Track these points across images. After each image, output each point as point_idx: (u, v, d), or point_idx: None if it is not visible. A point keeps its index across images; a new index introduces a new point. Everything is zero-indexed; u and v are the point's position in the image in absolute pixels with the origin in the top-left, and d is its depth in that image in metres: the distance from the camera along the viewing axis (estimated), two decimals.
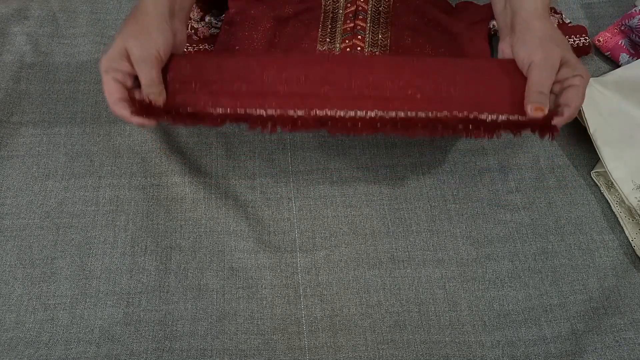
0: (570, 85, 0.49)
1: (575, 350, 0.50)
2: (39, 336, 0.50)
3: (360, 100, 0.48)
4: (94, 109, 0.62)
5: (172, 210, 0.56)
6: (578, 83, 0.49)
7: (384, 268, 0.54)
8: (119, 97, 0.49)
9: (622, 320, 0.52)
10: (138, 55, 0.48)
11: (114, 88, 0.49)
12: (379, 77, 0.48)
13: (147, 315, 0.51)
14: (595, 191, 0.59)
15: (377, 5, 0.68)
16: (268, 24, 0.66)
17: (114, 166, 0.58)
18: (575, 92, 0.49)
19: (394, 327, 0.51)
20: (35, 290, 0.52)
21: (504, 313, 0.52)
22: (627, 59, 0.66)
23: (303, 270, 0.54)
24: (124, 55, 0.48)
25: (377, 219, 0.56)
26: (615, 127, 0.59)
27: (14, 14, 0.68)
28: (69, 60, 0.66)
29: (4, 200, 0.56)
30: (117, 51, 0.49)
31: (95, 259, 0.53)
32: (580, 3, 0.73)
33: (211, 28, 0.67)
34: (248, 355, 0.49)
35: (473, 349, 0.50)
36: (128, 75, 0.49)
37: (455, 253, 0.55)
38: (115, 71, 0.48)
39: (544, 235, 0.56)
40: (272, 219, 0.56)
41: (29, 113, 0.61)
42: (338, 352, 0.50)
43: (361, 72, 0.49)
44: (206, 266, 0.53)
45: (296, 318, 0.51)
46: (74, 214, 0.55)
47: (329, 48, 0.65)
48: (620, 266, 0.55)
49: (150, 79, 0.49)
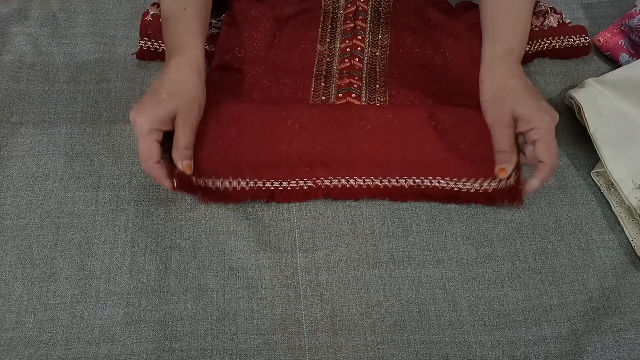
0: (534, 140, 0.50)
1: (575, 350, 0.50)
2: (39, 336, 0.50)
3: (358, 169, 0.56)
4: (94, 109, 0.62)
5: (172, 210, 0.56)
6: (537, 137, 0.49)
7: (384, 268, 0.54)
8: (159, 159, 0.50)
9: (622, 320, 0.52)
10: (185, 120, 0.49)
11: (157, 150, 0.49)
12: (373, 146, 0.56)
13: (147, 315, 0.51)
14: (595, 191, 0.59)
15: (377, 6, 0.68)
16: (268, 24, 0.66)
17: (114, 166, 0.58)
18: (542, 146, 0.49)
19: (394, 327, 0.51)
20: (35, 290, 0.52)
21: (504, 313, 0.52)
22: (627, 59, 0.66)
23: (303, 270, 0.54)
24: (173, 117, 0.49)
25: (377, 219, 0.56)
26: (615, 127, 0.59)
27: (14, 14, 0.68)
28: (69, 60, 0.66)
29: (4, 200, 0.56)
30: (167, 114, 0.49)
31: (95, 259, 0.53)
32: (580, 3, 0.73)
33: (211, 28, 0.67)
34: (248, 355, 0.49)
35: (473, 349, 0.50)
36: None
37: (455, 253, 0.55)
38: (159, 132, 0.49)
39: (544, 235, 0.56)
40: (272, 219, 0.56)
41: (28, 113, 0.61)
42: (338, 352, 0.50)
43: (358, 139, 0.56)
44: (206, 266, 0.53)
45: (296, 318, 0.51)
46: (74, 214, 0.55)
47: (329, 48, 0.65)
48: (620, 266, 0.55)
49: (189, 142, 0.50)
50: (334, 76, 0.63)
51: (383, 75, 0.63)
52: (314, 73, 0.63)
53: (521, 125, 0.51)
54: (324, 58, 0.64)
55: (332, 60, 0.64)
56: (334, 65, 0.64)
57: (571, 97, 0.60)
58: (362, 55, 0.64)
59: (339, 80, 0.62)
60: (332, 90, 0.61)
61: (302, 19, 0.67)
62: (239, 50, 0.64)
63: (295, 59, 0.64)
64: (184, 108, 0.50)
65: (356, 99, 0.61)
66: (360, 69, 0.63)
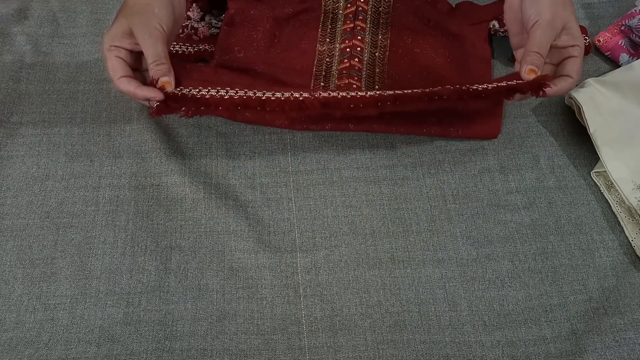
0: (569, 55, 0.50)
1: (575, 350, 0.50)
2: (39, 336, 0.50)
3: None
4: (94, 109, 0.62)
5: (172, 210, 0.56)
6: (577, 54, 0.50)
7: (384, 268, 0.54)
8: (123, 74, 0.48)
9: (622, 320, 0.52)
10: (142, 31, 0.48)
11: (118, 65, 0.48)
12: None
13: (147, 315, 0.51)
14: (595, 191, 0.59)
15: (377, 6, 0.68)
16: (268, 25, 0.66)
17: (114, 166, 0.58)
18: (575, 63, 0.50)
19: (394, 327, 0.51)
20: (35, 290, 0.52)
21: (504, 313, 0.52)
22: (627, 59, 0.66)
23: (303, 270, 0.54)
24: (127, 32, 0.48)
25: (377, 219, 0.56)
26: (615, 127, 0.59)
27: (14, 14, 0.68)
28: (69, 60, 0.66)
29: (4, 200, 0.56)
30: (120, 29, 0.48)
31: (95, 259, 0.53)
32: (580, 3, 0.73)
33: (211, 28, 0.67)
34: (248, 355, 0.49)
35: (473, 349, 0.50)
36: (131, 53, 0.49)
37: (455, 253, 0.55)
38: (119, 49, 0.48)
39: (544, 235, 0.56)
40: (272, 219, 0.56)
41: (29, 113, 0.61)
42: (338, 352, 0.50)
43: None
44: (206, 266, 0.53)
45: (296, 318, 0.51)
46: (74, 214, 0.55)
47: (328, 48, 0.65)
48: (620, 266, 0.55)
49: (157, 55, 0.49)
50: (333, 76, 0.63)
51: (382, 76, 0.63)
52: (313, 73, 0.63)
53: (566, 39, 0.51)
54: (323, 58, 0.64)
55: (331, 61, 0.64)
56: (334, 66, 0.64)
57: (571, 97, 0.60)
58: (361, 56, 0.64)
59: (338, 80, 0.62)
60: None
61: (302, 19, 0.67)
62: (238, 50, 0.64)
63: (294, 59, 0.64)
64: (138, 19, 0.49)
65: None
66: (359, 70, 0.63)
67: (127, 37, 0.49)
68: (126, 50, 0.49)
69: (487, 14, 0.67)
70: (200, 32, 0.66)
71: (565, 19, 0.50)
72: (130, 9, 0.50)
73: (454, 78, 0.63)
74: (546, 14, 0.50)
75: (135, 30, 0.49)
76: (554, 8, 0.50)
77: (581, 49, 0.51)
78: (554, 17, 0.50)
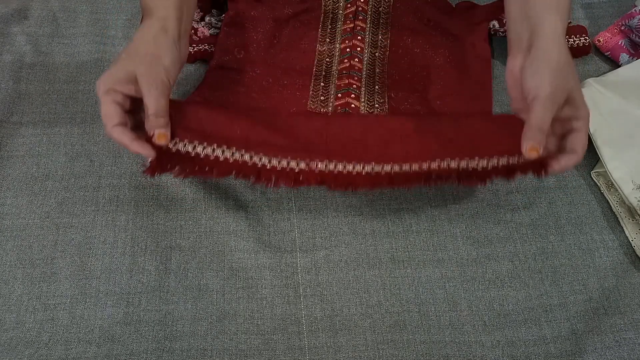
0: (572, 129, 0.47)
1: (575, 351, 0.50)
2: (39, 336, 0.50)
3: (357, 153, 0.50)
4: (94, 109, 0.62)
5: (172, 210, 0.56)
6: (581, 127, 0.47)
7: (384, 268, 0.54)
8: (119, 121, 0.46)
9: (622, 320, 0.52)
10: (149, 83, 0.46)
11: (114, 111, 0.46)
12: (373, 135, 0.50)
13: (147, 315, 0.51)
14: (595, 191, 0.59)
15: (377, 6, 0.68)
16: (268, 25, 0.66)
17: (114, 166, 0.58)
18: (579, 138, 0.47)
19: (394, 327, 0.51)
20: (35, 290, 0.52)
21: (504, 313, 0.52)
22: (627, 59, 0.66)
23: (303, 270, 0.54)
24: (131, 78, 0.46)
25: (377, 219, 0.56)
26: (614, 127, 0.59)
27: (14, 14, 0.68)
28: (69, 60, 0.66)
29: (4, 200, 0.56)
30: (123, 73, 0.46)
31: (95, 259, 0.53)
32: (580, 3, 0.73)
33: (211, 28, 0.67)
34: (248, 355, 0.49)
35: (473, 349, 0.50)
36: (128, 97, 0.47)
37: (455, 253, 0.55)
38: (117, 93, 0.46)
39: (544, 235, 0.56)
40: (272, 219, 0.56)
41: (29, 113, 0.61)
42: (338, 352, 0.50)
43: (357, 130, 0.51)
44: (206, 266, 0.53)
45: (296, 318, 0.51)
46: (74, 214, 0.55)
47: (328, 48, 0.65)
48: (620, 266, 0.55)
49: (159, 108, 0.47)
50: (333, 76, 0.63)
51: (382, 76, 0.63)
52: (313, 73, 0.63)
53: (568, 110, 0.47)
54: (323, 58, 0.64)
55: (331, 61, 0.64)
56: (334, 66, 0.64)
57: None
58: (361, 56, 0.64)
59: (338, 80, 0.62)
60: (332, 90, 0.61)
61: (302, 19, 0.67)
62: (238, 50, 0.64)
63: (294, 59, 0.64)
64: (144, 67, 0.47)
65: (355, 100, 0.61)
66: (359, 70, 0.63)
67: (129, 83, 0.46)
68: (124, 96, 0.47)
69: (487, 14, 0.67)
70: (200, 32, 0.66)
71: (568, 90, 0.47)
72: (138, 56, 0.47)
73: (454, 78, 0.63)
74: (547, 87, 0.46)
75: (140, 79, 0.46)
76: (555, 81, 0.46)
77: (585, 120, 0.47)
78: (555, 90, 0.46)
